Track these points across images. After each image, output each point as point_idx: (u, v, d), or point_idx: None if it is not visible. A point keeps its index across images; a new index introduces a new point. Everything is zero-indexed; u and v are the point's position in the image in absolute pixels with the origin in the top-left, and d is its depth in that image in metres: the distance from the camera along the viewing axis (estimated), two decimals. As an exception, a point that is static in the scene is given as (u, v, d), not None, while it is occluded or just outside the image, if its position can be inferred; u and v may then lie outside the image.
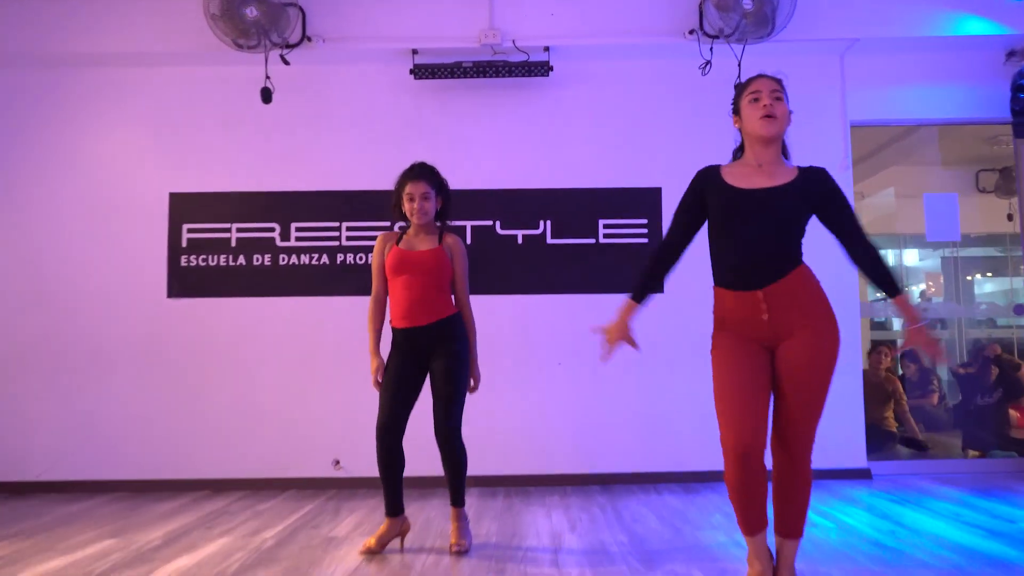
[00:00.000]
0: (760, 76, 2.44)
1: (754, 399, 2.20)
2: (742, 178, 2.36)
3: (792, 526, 2.34)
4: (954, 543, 3.10)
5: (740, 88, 2.47)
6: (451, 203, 3.27)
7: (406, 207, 3.13)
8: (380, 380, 3.09)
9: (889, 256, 6.52)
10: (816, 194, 2.32)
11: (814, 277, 2.35)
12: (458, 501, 3.12)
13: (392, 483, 3.04)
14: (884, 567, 2.78)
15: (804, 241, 2.37)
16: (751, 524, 2.27)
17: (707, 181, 2.41)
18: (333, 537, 3.33)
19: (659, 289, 2.47)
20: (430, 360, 3.10)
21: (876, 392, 5.47)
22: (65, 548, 3.21)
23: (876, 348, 5.63)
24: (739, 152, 2.51)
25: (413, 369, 3.09)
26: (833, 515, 3.62)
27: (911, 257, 6.80)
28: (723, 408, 2.21)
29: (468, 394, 3.14)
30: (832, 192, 2.34)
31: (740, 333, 2.32)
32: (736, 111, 2.46)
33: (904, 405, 5.56)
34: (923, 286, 6.62)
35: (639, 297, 2.42)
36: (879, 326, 6.27)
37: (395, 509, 3.07)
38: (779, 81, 2.43)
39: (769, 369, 2.28)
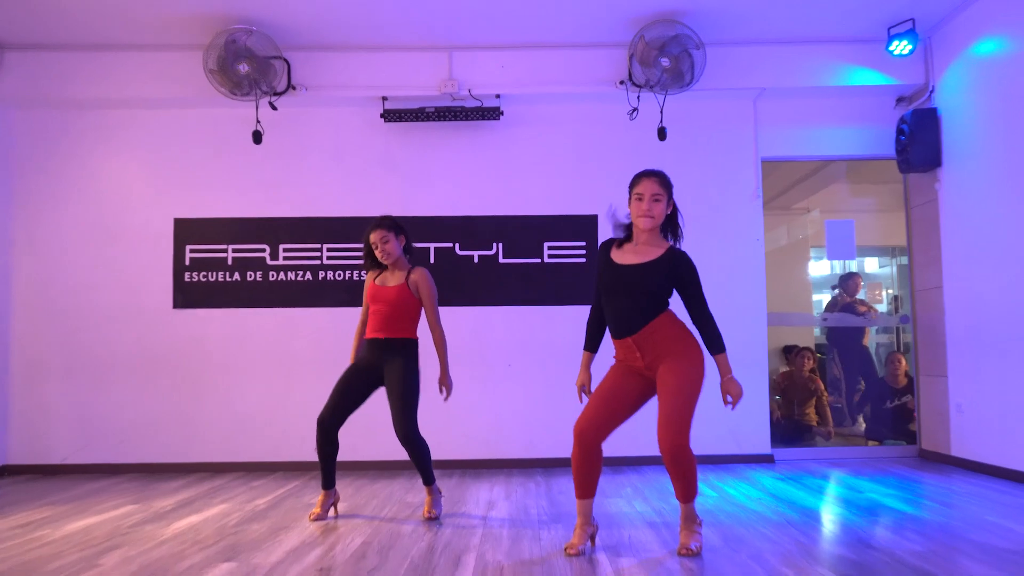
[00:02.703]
0: (646, 177, 2.96)
1: (606, 405, 2.96)
2: (622, 254, 3.05)
3: (683, 494, 2.98)
4: (800, 505, 3.91)
5: (632, 182, 3.01)
6: (410, 238, 3.94)
7: (377, 254, 3.75)
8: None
9: (853, 266, 7.05)
10: (676, 276, 2.98)
11: (677, 320, 3.04)
12: (428, 481, 3.79)
13: (326, 463, 3.71)
14: (734, 521, 3.57)
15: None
16: (582, 490, 3.01)
17: (603, 255, 3.11)
18: (312, 503, 4.09)
19: (600, 339, 3.25)
20: (383, 370, 3.71)
21: (801, 390, 6.16)
22: (96, 511, 3.98)
23: (800, 352, 6.34)
24: (629, 232, 3.10)
25: (364, 376, 3.73)
26: (722, 488, 4.41)
27: (871, 265, 7.30)
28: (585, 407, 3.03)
29: (443, 399, 3.85)
30: (686, 278, 2.96)
31: (624, 366, 3.08)
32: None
33: (824, 401, 6.27)
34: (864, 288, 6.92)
35: (591, 348, 3.21)
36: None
37: (327, 484, 3.74)
38: (662, 181, 2.95)
39: (638, 389, 3.03)
